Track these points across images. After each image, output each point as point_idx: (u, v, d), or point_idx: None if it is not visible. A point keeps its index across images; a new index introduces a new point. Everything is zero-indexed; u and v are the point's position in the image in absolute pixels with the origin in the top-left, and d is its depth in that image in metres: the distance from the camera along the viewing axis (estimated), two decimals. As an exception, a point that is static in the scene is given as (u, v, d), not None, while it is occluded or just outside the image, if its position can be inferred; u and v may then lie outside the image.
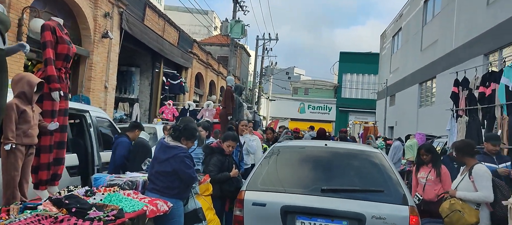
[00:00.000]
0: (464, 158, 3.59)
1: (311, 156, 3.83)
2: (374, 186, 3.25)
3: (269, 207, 3.16)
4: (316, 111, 39.78)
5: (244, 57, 32.63)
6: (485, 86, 6.00)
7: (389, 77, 26.42)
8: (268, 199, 3.22)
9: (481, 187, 3.38)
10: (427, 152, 4.67)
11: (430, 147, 4.88)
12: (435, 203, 4.47)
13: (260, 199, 3.23)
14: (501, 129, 5.37)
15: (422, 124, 18.56)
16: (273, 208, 3.14)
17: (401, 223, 2.93)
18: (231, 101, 7.95)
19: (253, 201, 3.23)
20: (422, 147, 4.82)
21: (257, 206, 3.19)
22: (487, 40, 12.58)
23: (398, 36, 25.66)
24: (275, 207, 3.14)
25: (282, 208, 3.12)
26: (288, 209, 3.13)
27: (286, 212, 3.12)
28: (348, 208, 3.03)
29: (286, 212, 3.12)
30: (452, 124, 7.17)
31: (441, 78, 16.50)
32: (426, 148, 4.75)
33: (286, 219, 3.11)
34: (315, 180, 3.38)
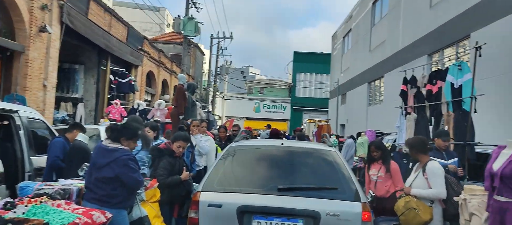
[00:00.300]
0: (418, 155, 3.60)
1: (268, 155, 3.80)
2: (328, 184, 3.31)
3: (225, 208, 3.12)
4: (271, 110, 40.12)
5: (198, 56, 32.00)
6: (432, 84, 6.20)
7: (340, 76, 27.23)
8: (224, 200, 3.18)
9: (435, 183, 3.40)
10: (377, 148, 4.69)
11: (380, 143, 4.92)
12: (387, 199, 4.50)
13: (216, 200, 3.17)
14: (447, 125, 5.56)
15: (372, 121, 19.27)
16: (229, 208, 3.10)
17: (354, 219, 3.00)
18: (183, 100, 7.60)
19: (209, 202, 3.16)
20: (372, 144, 4.85)
21: (213, 207, 3.14)
22: (430, 41, 13.27)
23: (348, 37, 26.51)
24: (231, 208, 3.10)
25: (239, 209, 3.09)
26: (245, 209, 3.10)
27: (242, 212, 3.09)
28: (303, 206, 3.05)
29: (243, 213, 3.09)
30: (401, 121, 7.37)
31: (389, 77, 17.21)
32: (376, 145, 4.77)
33: (242, 220, 3.08)
34: (271, 179, 3.37)
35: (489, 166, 2.97)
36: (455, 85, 5.46)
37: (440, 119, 5.85)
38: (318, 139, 15.85)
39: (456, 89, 5.44)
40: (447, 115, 5.63)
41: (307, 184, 3.31)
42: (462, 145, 5.03)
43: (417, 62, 14.06)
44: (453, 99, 5.50)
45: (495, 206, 2.88)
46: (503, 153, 2.94)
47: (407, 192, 3.56)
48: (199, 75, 33.91)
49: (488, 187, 2.95)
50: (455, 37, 11.44)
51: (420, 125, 6.44)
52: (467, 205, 3.19)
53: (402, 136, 7.32)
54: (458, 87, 5.42)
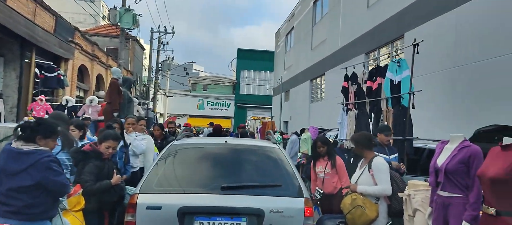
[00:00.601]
0: (363, 151, 3.54)
1: (211, 153, 3.71)
2: (272, 181, 3.28)
3: (165, 210, 2.99)
4: (215, 108, 39.62)
5: (137, 51, 30.51)
6: (372, 81, 6.32)
7: (284, 74, 27.62)
8: (164, 201, 3.04)
9: (380, 180, 3.32)
10: (323, 144, 4.63)
11: (325, 139, 4.87)
12: (335, 196, 4.45)
13: (155, 202, 3.03)
14: (387, 120, 5.68)
15: (314, 118, 19.75)
16: (170, 210, 2.98)
17: (297, 215, 3.01)
18: (118, 95, 6.99)
19: (147, 204, 3.01)
20: (318, 139, 4.78)
21: (151, 210, 3.00)
22: (367, 40, 13.82)
23: (291, 35, 26.95)
24: (172, 209, 2.97)
25: (180, 210, 2.97)
26: (186, 210, 2.99)
27: (183, 213, 2.98)
28: (247, 205, 3.02)
29: (184, 214, 2.98)
30: (343, 117, 7.47)
31: (330, 75, 17.72)
32: (322, 140, 4.71)
33: (183, 221, 2.98)
34: (215, 178, 3.30)
35: (433, 162, 2.96)
36: (394, 82, 5.59)
37: (380, 115, 5.97)
38: (262, 136, 15.82)
39: (395, 85, 5.57)
40: (386, 110, 5.75)
41: (251, 182, 3.25)
42: (401, 140, 5.15)
43: (355, 60, 14.58)
44: (392, 95, 5.62)
45: (438, 201, 2.89)
46: (446, 147, 2.96)
47: (353, 190, 3.48)
48: (139, 71, 32.37)
49: (433, 182, 2.95)
50: (390, 36, 12.00)
51: (361, 121, 6.55)
52: (411, 201, 3.18)
53: (343, 132, 7.42)
54: (397, 83, 5.55)
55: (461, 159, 2.76)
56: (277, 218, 2.98)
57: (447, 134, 3.10)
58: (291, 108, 25.11)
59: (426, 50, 5.12)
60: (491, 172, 2.37)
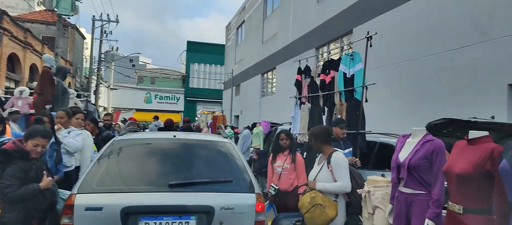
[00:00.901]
0: (322, 146, 3.37)
1: (158, 149, 3.50)
2: (223, 177, 3.17)
3: (107, 211, 2.76)
4: (163, 101, 38.32)
5: (77, 40, 28.48)
6: (325, 74, 6.25)
7: (235, 67, 27.32)
8: (106, 202, 2.80)
9: (340, 176, 3.14)
10: (287, 136, 4.44)
11: (289, 132, 4.67)
12: (290, 193, 4.27)
13: (95, 203, 2.79)
14: (340, 114, 5.63)
15: (265, 112, 19.72)
16: (112, 211, 2.76)
17: (248, 211, 2.94)
18: (51, 86, 6.26)
19: (87, 205, 2.77)
20: (283, 132, 4.57)
21: (91, 211, 2.76)
22: (317, 35, 13.96)
23: (242, 28, 26.70)
24: (114, 210, 2.76)
25: (123, 210, 2.76)
26: (130, 210, 2.78)
27: (127, 214, 2.77)
28: (196, 202, 2.88)
29: (128, 214, 2.77)
30: (296, 110, 7.36)
31: (281, 69, 17.75)
32: (286, 133, 4.51)
33: (127, 222, 2.76)
34: (162, 175, 3.10)
35: (395, 157, 2.85)
36: (348, 75, 5.54)
37: (333, 108, 5.92)
38: (213, 131, 15.44)
39: (349, 79, 5.53)
40: (340, 104, 5.70)
41: (201, 178, 3.11)
42: (355, 133, 5.11)
43: (306, 54, 14.69)
44: (346, 89, 5.57)
45: (400, 198, 2.78)
46: (408, 142, 2.86)
47: (312, 187, 3.28)
48: (80, 62, 30.27)
49: (395, 178, 2.84)
50: (340, 32, 12.19)
51: (314, 115, 6.47)
52: (370, 198, 3.07)
53: (296, 126, 7.32)
54: (350, 77, 5.51)
55: (424, 154, 2.66)
56: (228, 214, 2.88)
57: (393, 128, 3.05)
58: (242, 103, 24.92)
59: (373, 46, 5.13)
60: (458, 168, 2.28)
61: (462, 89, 6.68)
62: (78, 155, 4.86)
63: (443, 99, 7.05)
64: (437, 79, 7.36)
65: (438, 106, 7.08)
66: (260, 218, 2.95)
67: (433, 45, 7.54)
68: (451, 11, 7.17)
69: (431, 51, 7.57)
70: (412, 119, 7.77)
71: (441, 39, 7.32)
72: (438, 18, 7.46)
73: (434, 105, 7.20)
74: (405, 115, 8.14)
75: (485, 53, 6.32)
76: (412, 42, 8.21)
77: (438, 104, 7.10)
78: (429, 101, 7.45)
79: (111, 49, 31.65)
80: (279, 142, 4.48)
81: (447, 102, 6.92)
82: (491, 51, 6.23)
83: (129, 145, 3.54)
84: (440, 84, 7.26)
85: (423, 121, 5.29)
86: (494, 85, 6.07)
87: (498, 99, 5.96)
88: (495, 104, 5.94)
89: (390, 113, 8.61)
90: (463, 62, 6.76)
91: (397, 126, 7.71)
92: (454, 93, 6.84)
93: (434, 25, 7.50)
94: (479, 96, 6.33)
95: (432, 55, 7.55)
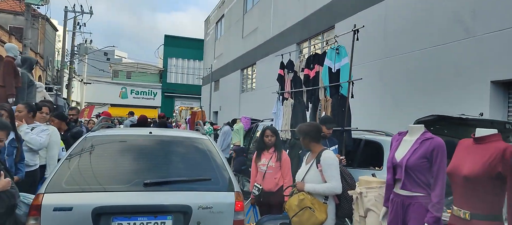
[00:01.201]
0: (311, 144, 3.12)
1: (133, 146, 3.34)
2: (201, 175, 3.05)
3: (77, 211, 2.64)
4: (140, 97, 37.33)
5: (49, 32, 27.27)
6: (309, 69, 6.03)
7: (214, 63, 26.88)
8: (76, 201, 2.68)
9: (330, 177, 2.89)
10: (273, 133, 4.19)
11: (275, 129, 4.42)
12: (275, 194, 4.03)
13: (64, 203, 2.65)
14: (325, 110, 5.42)
15: (244, 108, 19.45)
16: (82, 211, 2.64)
17: (227, 210, 2.86)
18: (15, 77, 5.76)
19: (55, 205, 2.63)
20: (268, 128, 4.32)
21: (60, 212, 2.62)
22: (298, 30, 13.78)
23: (221, 22, 26.25)
24: (85, 210, 2.64)
25: (94, 210, 2.64)
26: (102, 210, 2.66)
27: (99, 214, 2.66)
28: (172, 201, 2.79)
29: (99, 215, 2.66)
30: (278, 106, 7.13)
31: (261, 64, 17.50)
32: (272, 130, 4.26)
33: (98, 223, 2.65)
34: (136, 174, 2.97)
35: (391, 156, 2.63)
36: (333, 70, 5.34)
37: (317, 104, 5.71)
38: (191, 127, 15.04)
39: (334, 73, 5.33)
40: (324, 100, 5.50)
41: (178, 176, 2.99)
42: (340, 131, 4.92)
43: (287, 50, 14.50)
44: (331, 84, 5.37)
45: (396, 200, 2.57)
46: (405, 140, 2.64)
47: (300, 188, 3.03)
48: (51, 54, 29.01)
49: (390, 179, 2.63)
50: (321, 27, 12.04)
51: (297, 111, 6.26)
52: (362, 200, 2.86)
53: (278, 122, 7.09)
54: (336, 71, 5.31)
55: (424, 153, 2.46)
56: (206, 214, 2.78)
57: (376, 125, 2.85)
58: (221, 98, 24.54)
59: (356, 41, 4.97)
60: (466, 169, 2.08)
61: (447, 85, 6.62)
62: (43, 152, 4.45)
63: (428, 95, 6.99)
64: (421, 75, 7.28)
65: (422, 103, 7.00)
66: (239, 218, 2.86)
67: (417, 41, 7.46)
68: (435, 6, 7.10)
69: (416, 47, 7.49)
70: (395, 116, 7.70)
71: (426, 35, 7.24)
72: (423, 14, 7.38)
73: (418, 103, 7.12)
74: (388, 111, 8.06)
75: (469, 50, 6.27)
76: (396, 38, 8.13)
77: (422, 101, 7.03)
78: (413, 98, 7.38)
79: (84, 41, 30.51)
80: (264, 138, 4.23)
81: (431, 99, 6.86)
82: (474, 48, 6.18)
83: (102, 142, 3.38)
84: (424, 80, 7.19)
85: (407, 118, 5.17)
86: (478, 82, 6.03)
87: (481, 96, 5.92)
88: (478, 101, 5.90)
89: (373, 110, 8.52)
90: (447, 59, 6.70)
91: (380, 122, 7.63)
92: (438, 89, 6.77)
93: (422, 20, 7.41)
94: (462, 93, 6.28)
95: (417, 51, 7.46)
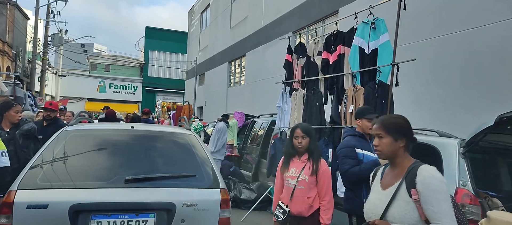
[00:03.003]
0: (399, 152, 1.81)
1: (114, 141, 3.19)
2: (185, 171, 2.92)
3: (53, 208, 2.45)
4: (119, 91, 35.43)
5: (19, 20, 25.20)
6: (329, 52, 4.82)
7: (198, 55, 25.41)
8: (52, 198, 2.50)
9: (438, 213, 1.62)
10: (305, 133, 2.95)
11: (309, 127, 3.12)
12: (307, 220, 2.84)
13: (39, 200, 2.47)
14: (353, 103, 4.23)
15: (232, 103, 18.17)
16: (59, 208, 2.46)
17: (212, 208, 2.74)
18: None
19: (29, 203, 2.45)
20: (299, 127, 3.07)
21: (34, 209, 2.44)
22: (295, 17, 12.56)
23: (207, 12, 24.79)
24: (62, 207, 2.46)
25: (72, 208, 2.47)
26: (80, 207, 2.50)
27: (76, 212, 2.49)
28: (155, 199, 2.64)
29: (77, 212, 2.50)
30: (284, 99, 5.92)
31: (251, 56, 16.23)
32: (304, 128, 3.01)
33: (76, 221, 2.48)
34: (117, 170, 2.79)
35: None
36: (367, 50, 4.14)
37: (341, 95, 4.51)
38: (176, 123, 13.67)
39: (368, 55, 4.13)
40: (352, 89, 4.29)
41: (161, 172, 2.87)
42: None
43: (280, 40, 13.30)
44: (363, 69, 4.18)
45: None
46: None
47: None
48: (22, 45, 26.89)
49: None
50: (322, 13, 10.86)
51: (312, 104, 5.05)
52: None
53: (285, 119, 5.89)
54: (370, 52, 4.11)
55: None
56: (190, 212, 2.68)
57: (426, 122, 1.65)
58: (206, 93, 23.14)
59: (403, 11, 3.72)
60: None
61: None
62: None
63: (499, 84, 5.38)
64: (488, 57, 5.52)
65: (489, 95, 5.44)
66: (225, 215, 2.77)
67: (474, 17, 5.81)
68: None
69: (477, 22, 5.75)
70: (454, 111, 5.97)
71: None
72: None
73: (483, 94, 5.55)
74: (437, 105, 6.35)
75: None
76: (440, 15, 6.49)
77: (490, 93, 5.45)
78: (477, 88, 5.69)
79: (59, 31, 28.47)
80: (293, 141, 3.00)
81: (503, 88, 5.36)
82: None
83: (80, 136, 3.22)
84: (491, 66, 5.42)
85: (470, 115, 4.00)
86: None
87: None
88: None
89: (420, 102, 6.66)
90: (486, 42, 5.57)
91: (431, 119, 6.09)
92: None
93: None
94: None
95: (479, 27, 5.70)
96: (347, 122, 4.30)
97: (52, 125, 4.84)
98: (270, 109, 9.92)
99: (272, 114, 8.12)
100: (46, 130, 4.75)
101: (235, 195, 6.76)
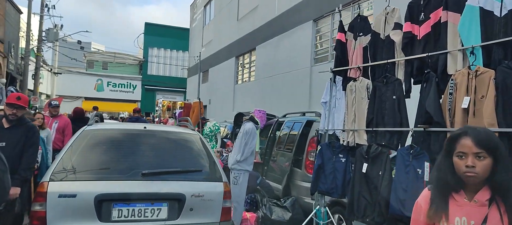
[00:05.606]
0: None
1: (130, 139, 3.47)
2: (193, 166, 3.31)
3: (81, 198, 2.82)
4: (117, 89, 33.90)
5: (10, 14, 23.70)
6: (415, 22, 3.37)
7: (202, 51, 23.94)
8: (80, 189, 2.85)
9: None
10: (485, 147, 1.39)
11: (491, 135, 1.50)
12: None
13: (69, 190, 2.82)
14: (469, 94, 2.78)
15: (239, 101, 16.73)
16: (86, 198, 2.82)
17: (216, 198, 3.13)
18: None
19: (60, 192, 2.80)
20: (468, 133, 1.42)
21: (65, 198, 2.80)
22: (315, 3, 11.13)
23: (211, 5, 23.33)
24: (88, 197, 2.82)
25: (97, 197, 2.83)
26: (104, 197, 2.85)
27: (101, 201, 2.84)
28: (168, 190, 3.02)
29: (101, 201, 2.85)
30: (333, 92, 4.47)
31: (262, 49, 14.78)
32: (480, 137, 1.38)
33: (101, 208, 2.85)
34: (135, 165, 3.12)
35: None
36: (498, 12, 2.68)
37: (445, 84, 3.05)
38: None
39: (500, 19, 2.67)
40: (465, 74, 2.84)
41: (172, 167, 3.20)
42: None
43: (299, 29, 11.84)
44: (486, 42, 2.72)
45: None
46: None
47: None
48: (15, 40, 25.38)
49: None
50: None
51: (384, 97, 3.61)
52: None
53: (333, 119, 4.45)
54: (503, 17, 2.65)
55: None
56: (198, 201, 3.04)
57: None
58: (210, 91, 21.68)
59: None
60: None
61: None
62: None
63: None
64: None
65: None
66: (227, 205, 3.16)
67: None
68: None
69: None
70: None
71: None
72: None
73: None
74: None
75: None
76: None
77: None
78: None
79: (54, 27, 26.98)
80: (456, 161, 1.43)
81: None
82: None
83: (101, 135, 3.46)
84: None
85: None
86: None
87: None
88: None
89: None
90: None
91: None
92: None
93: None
94: None
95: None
96: (457, 122, 2.86)
97: (17, 128, 3.40)
98: (285, 108, 8.66)
99: (304, 112, 6.67)
100: (9, 134, 3.32)
101: (264, 214, 5.32)
